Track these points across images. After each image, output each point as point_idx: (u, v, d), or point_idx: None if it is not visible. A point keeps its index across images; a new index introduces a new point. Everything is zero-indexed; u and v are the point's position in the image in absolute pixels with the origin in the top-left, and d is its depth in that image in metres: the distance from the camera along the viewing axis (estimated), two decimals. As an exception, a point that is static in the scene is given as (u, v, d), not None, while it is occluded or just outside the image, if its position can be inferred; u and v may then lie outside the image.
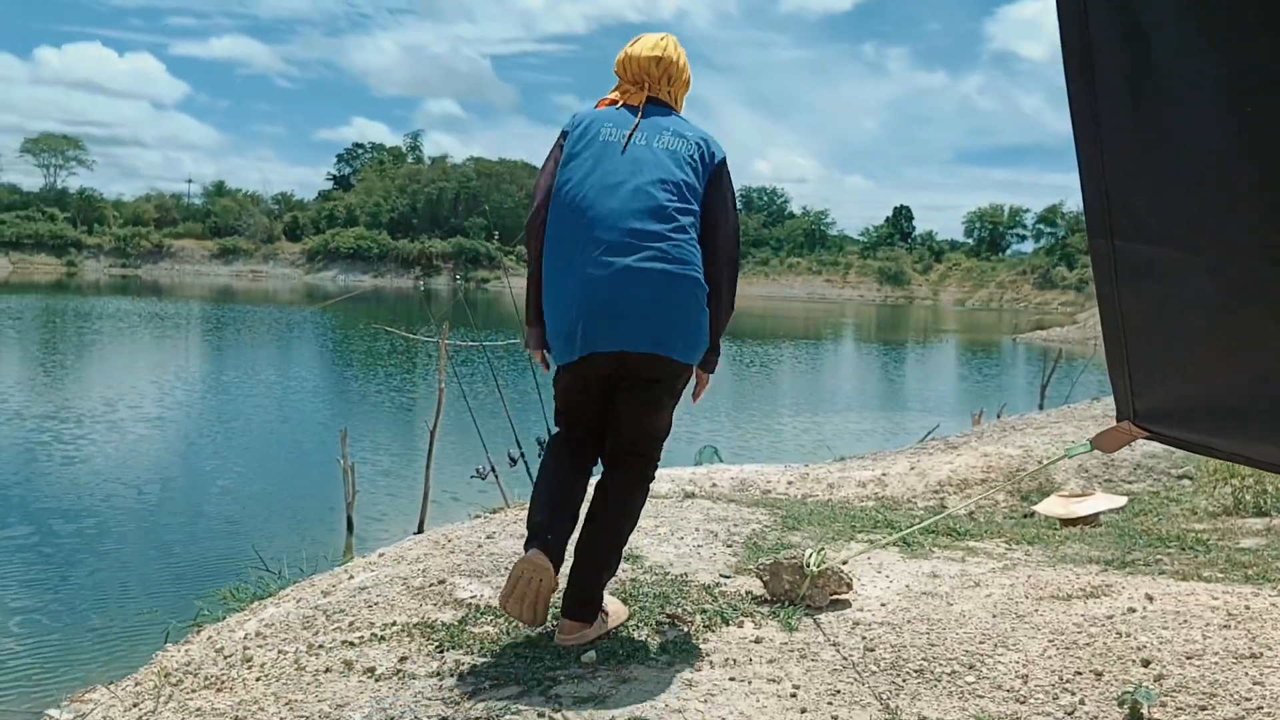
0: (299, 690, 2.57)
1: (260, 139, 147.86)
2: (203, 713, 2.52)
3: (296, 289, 62.69)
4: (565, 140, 2.85)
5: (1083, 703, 2.46)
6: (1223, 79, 1.50)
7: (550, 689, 2.49)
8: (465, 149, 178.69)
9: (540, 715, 2.35)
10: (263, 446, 13.09)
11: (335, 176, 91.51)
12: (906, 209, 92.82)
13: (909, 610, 3.13)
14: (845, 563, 3.37)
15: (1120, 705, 2.41)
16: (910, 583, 3.45)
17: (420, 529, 7.19)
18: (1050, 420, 8.98)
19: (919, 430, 12.62)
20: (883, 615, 3.09)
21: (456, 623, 2.96)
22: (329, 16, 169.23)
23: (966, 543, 4.21)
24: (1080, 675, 2.60)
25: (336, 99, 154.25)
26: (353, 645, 2.83)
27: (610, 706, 2.39)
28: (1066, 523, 5.01)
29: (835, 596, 3.21)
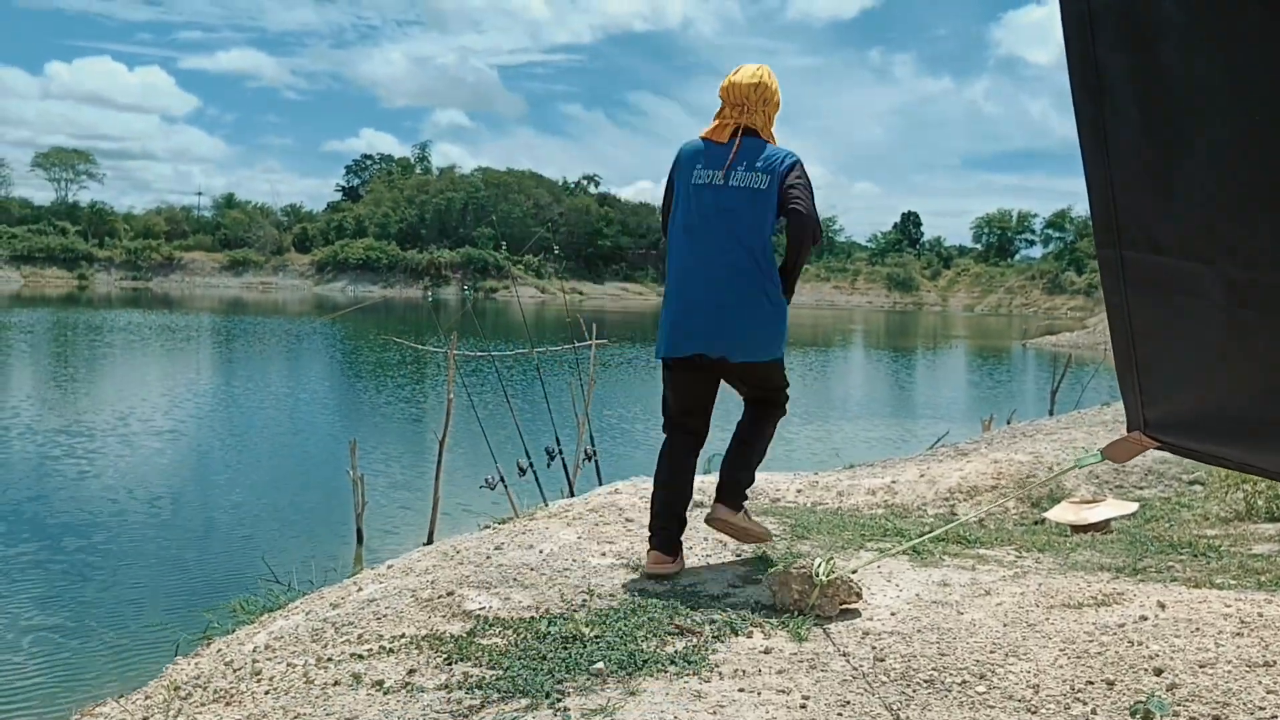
0: (308, 703, 2.56)
1: (269, 151, 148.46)
2: (212, 727, 2.52)
3: (306, 300, 62.94)
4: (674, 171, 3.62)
5: (1095, 712, 2.44)
6: (1231, 86, 1.49)
7: (559, 701, 2.48)
8: (473, 159, 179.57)
9: (549, 728, 2.34)
10: (273, 458, 13.12)
11: (344, 188, 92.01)
12: (915, 215, 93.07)
13: (919, 619, 3.11)
14: (855, 572, 3.36)
15: (1132, 715, 2.38)
16: (920, 591, 3.43)
17: (430, 540, 7.19)
18: (1061, 426, 8.93)
19: (929, 437, 12.59)
20: (893, 624, 3.07)
21: (465, 634, 2.96)
22: (336, 29, 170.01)
23: (977, 550, 4.19)
24: (1092, 684, 2.58)
25: (344, 111, 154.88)
26: (361, 658, 2.83)
27: (619, 718, 2.38)
28: (1077, 529, 4.98)
29: (845, 606, 3.19)
